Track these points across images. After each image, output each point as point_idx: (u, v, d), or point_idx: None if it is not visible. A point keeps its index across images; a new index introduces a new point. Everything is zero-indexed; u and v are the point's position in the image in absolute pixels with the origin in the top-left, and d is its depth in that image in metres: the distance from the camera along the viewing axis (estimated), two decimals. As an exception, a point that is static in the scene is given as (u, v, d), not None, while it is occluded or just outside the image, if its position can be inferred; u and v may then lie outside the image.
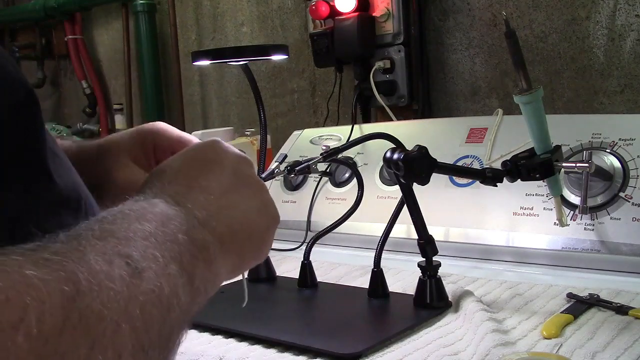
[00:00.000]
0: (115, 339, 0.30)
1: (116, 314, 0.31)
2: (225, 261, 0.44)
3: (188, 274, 0.38)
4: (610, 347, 0.66)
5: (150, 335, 0.33)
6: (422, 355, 0.68)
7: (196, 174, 0.46)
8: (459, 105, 1.52)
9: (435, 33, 1.52)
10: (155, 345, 0.34)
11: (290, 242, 1.18)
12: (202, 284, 0.40)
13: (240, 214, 0.46)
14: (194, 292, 0.39)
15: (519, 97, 0.81)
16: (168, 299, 0.35)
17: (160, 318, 0.34)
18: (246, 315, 0.85)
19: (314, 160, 0.92)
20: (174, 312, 0.36)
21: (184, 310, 0.38)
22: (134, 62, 2.23)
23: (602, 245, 0.92)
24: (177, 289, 0.37)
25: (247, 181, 0.49)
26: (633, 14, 1.27)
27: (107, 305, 0.30)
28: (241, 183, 0.48)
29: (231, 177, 0.48)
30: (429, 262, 0.82)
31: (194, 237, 0.41)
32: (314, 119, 1.80)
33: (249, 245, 0.47)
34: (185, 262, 0.39)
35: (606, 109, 1.32)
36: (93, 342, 0.29)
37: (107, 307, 0.30)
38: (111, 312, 0.31)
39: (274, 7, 1.85)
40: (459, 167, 1.02)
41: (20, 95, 0.40)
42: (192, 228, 0.41)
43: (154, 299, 0.34)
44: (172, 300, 0.36)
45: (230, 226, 0.45)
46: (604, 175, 0.94)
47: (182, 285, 0.37)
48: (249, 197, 0.48)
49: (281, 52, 0.98)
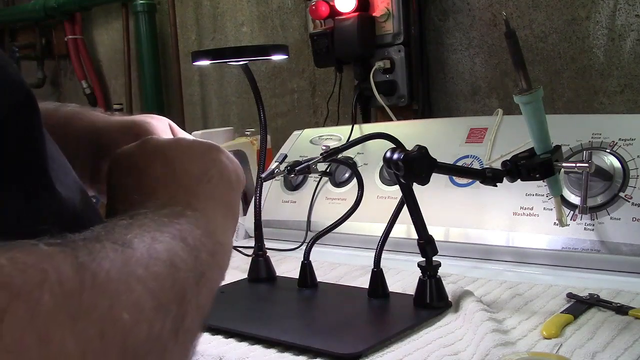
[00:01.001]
0: (130, 296, 0.32)
1: (124, 274, 0.33)
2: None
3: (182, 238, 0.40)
4: (610, 347, 0.66)
5: (165, 291, 0.35)
6: (422, 355, 0.68)
7: (222, 191, 0.48)
8: (459, 105, 1.52)
9: (435, 33, 1.52)
10: (172, 300, 0.36)
11: (290, 242, 1.18)
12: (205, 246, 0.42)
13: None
14: (199, 264, 0.41)
15: (519, 97, 0.81)
16: (171, 258, 0.37)
17: (168, 274, 0.36)
18: (246, 315, 0.85)
19: (314, 160, 0.92)
20: (181, 271, 0.38)
21: (197, 269, 0.39)
22: (134, 62, 2.23)
23: (602, 245, 0.92)
24: (177, 250, 0.38)
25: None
26: (633, 14, 1.27)
27: (115, 267, 0.32)
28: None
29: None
30: (429, 262, 0.82)
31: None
32: (314, 119, 1.80)
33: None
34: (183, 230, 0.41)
35: (606, 109, 1.32)
36: (112, 300, 0.31)
37: (115, 269, 0.32)
38: (119, 273, 0.33)
39: (274, 7, 1.85)
40: (459, 167, 1.02)
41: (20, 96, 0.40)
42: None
43: (156, 260, 0.36)
44: (175, 260, 0.37)
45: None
46: (604, 175, 0.94)
47: (181, 249, 0.39)
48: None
49: (281, 52, 0.98)
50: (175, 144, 0.49)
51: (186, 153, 0.48)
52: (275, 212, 1.25)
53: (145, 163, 0.47)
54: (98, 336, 0.29)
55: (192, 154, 0.48)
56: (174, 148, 0.48)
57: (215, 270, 0.42)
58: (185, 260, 0.38)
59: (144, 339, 0.32)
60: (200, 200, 0.45)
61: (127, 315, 0.31)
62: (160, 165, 0.47)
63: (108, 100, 2.44)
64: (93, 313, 0.30)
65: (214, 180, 0.48)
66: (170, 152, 0.48)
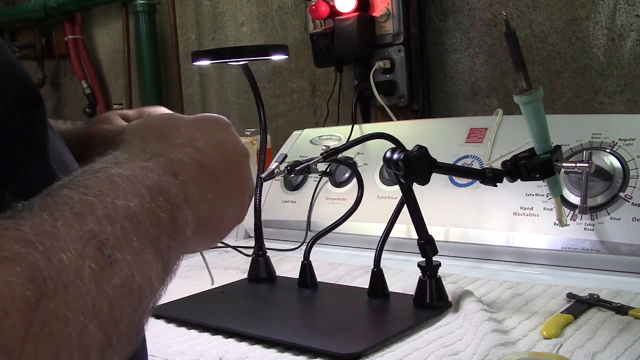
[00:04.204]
0: (81, 341, 0.29)
1: (82, 313, 0.30)
2: (191, 242, 0.44)
3: (163, 257, 0.38)
4: (610, 347, 0.66)
5: (119, 329, 0.32)
6: (422, 355, 0.68)
7: (202, 146, 0.46)
8: (459, 105, 1.52)
9: (435, 33, 1.52)
10: (124, 336, 0.33)
11: (290, 242, 1.18)
12: (173, 265, 0.40)
13: (221, 204, 0.46)
14: (167, 275, 0.39)
15: (519, 97, 0.81)
16: (140, 288, 0.34)
17: (130, 309, 0.33)
18: (246, 315, 0.85)
19: (314, 160, 0.92)
20: (145, 299, 0.35)
21: (155, 295, 0.37)
22: (134, 62, 2.23)
23: (602, 245, 0.92)
24: (151, 275, 0.36)
25: (241, 180, 0.49)
26: (633, 14, 1.27)
27: (72, 307, 0.29)
28: (236, 179, 0.48)
29: (230, 171, 0.47)
30: (429, 262, 0.82)
31: (177, 216, 0.40)
32: (314, 119, 1.80)
33: (213, 234, 0.47)
34: (163, 246, 0.38)
35: (606, 109, 1.32)
36: (58, 348, 0.28)
37: (72, 309, 0.29)
38: (77, 312, 0.30)
39: (274, 7, 1.85)
40: (459, 167, 1.02)
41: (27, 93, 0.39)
42: (178, 206, 0.40)
43: (125, 291, 0.33)
44: (144, 289, 0.35)
45: (209, 213, 0.45)
46: (604, 175, 0.94)
47: (155, 271, 0.37)
48: (235, 195, 0.48)
49: (281, 52, 0.98)
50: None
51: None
52: (275, 212, 1.25)
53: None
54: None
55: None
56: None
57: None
58: (154, 291, 0.36)
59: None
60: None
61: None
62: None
63: (108, 100, 2.44)
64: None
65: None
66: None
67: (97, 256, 0.32)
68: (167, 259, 0.38)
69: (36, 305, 0.28)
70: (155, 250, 0.37)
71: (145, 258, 0.36)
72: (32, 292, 0.28)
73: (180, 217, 0.41)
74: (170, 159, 0.43)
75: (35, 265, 0.29)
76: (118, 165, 0.39)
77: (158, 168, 0.41)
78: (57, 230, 0.31)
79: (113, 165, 0.39)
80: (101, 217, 0.34)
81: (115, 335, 0.32)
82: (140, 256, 0.35)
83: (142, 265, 0.35)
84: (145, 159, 0.41)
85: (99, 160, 0.40)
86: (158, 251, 0.37)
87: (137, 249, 0.35)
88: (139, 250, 0.35)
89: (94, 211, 0.34)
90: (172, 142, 0.45)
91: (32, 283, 0.28)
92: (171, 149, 0.44)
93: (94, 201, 0.34)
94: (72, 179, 0.36)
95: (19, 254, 0.29)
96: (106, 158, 0.41)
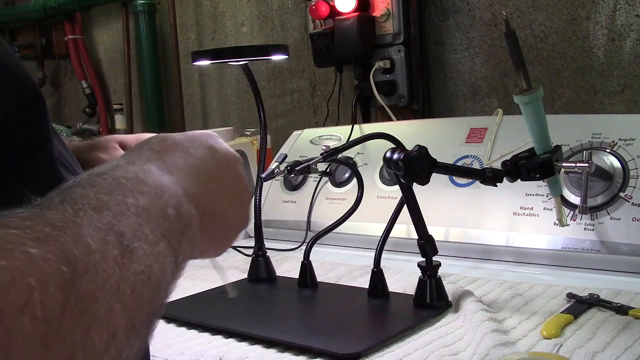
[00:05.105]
0: (109, 320, 0.31)
1: (109, 294, 0.31)
2: (199, 240, 0.45)
3: (174, 251, 0.39)
4: (610, 347, 0.66)
5: (140, 314, 0.34)
6: (422, 355, 0.68)
7: (194, 151, 0.48)
8: (459, 105, 1.52)
9: (435, 33, 1.52)
10: (144, 324, 0.34)
11: (290, 242, 1.18)
12: (183, 262, 0.41)
13: (223, 203, 0.48)
14: (177, 270, 0.40)
15: (519, 97, 0.81)
16: (157, 278, 0.36)
17: (150, 297, 0.35)
18: (246, 315, 0.85)
19: (314, 160, 0.92)
20: (162, 290, 0.37)
21: (168, 288, 0.38)
22: (134, 62, 2.23)
23: (602, 245, 0.92)
24: (165, 268, 0.37)
25: (237, 180, 0.51)
26: (633, 14, 1.27)
27: (100, 286, 0.31)
28: (232, 180, 0.50)
29: (224, 170, 0.50)
30: (429, 262, 0.82)
31: (182, 211, 0.42)
32: (314, 119, 1.80)
33: (220, 233, 0.49)
34: (173, 240, 0.39)
35: (606, 109, 1.32)
36: (89, 323, 0.30)
37: (100, 288, 0.31)
38: (104, 293, 0.31)
39: (274, 7, 1.85)
40: (459, 167, 1.02)
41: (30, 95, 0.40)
42: (181, 201, 0.42)
43: (144, 279, 0.35)
44: (161, 280, 0.36)
45: (212, 208, 0.47)
46: (604, 175, 0.94)
47: (169, 264, 0.38)
48: (234, 194, 0.50)
49: (281, 52, 0.98)
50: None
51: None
52: (275, 212, 1.26)
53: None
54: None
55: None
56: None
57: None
58: (168, 283, 0.38)
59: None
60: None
61: (98, 339, 0.30)
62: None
63: (108, 100, 2.44)
64: (68, 338, 0.28)
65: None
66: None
67: (118, 244, 0.34)
68: (177, 254, 0.40)
69: (71, 281, 0.29)
70: (167, 244, 0.38)
71: (160, 250, 0.37)
72: (67, 268, 0.29)
73: (184, 212, 0.42)
74: (164, 161, 0.45)
75: (66, 247, 0.30)
76: (119, 168, 0.41)
77: (155, 169, 0.43)
78: (79, 219, 0.33)
79: (115, 168, 0.41)
80: (116, 212, 0.36)
81: (138, 320, 0.33)
82: (155, 247, 0.37)
83: (158, 256, 0.37)
84: (142, 163, 0.44)
85: (100, 167, 0.41)
86: (169, 245, 0.39)
87: (152, 241, 0.37)
88: (154, 242, 0.37)
89: (109, 207, 0.36)
90: (164, 148, 0.47)
91: (66, 261, 0.30)
92: (164, 154, 0.46)
93: (107, 199, 0.36)
94: (81, 180, 0.38)
95: (50, 236, 0.30)
96: (107, 164, 0.42)
